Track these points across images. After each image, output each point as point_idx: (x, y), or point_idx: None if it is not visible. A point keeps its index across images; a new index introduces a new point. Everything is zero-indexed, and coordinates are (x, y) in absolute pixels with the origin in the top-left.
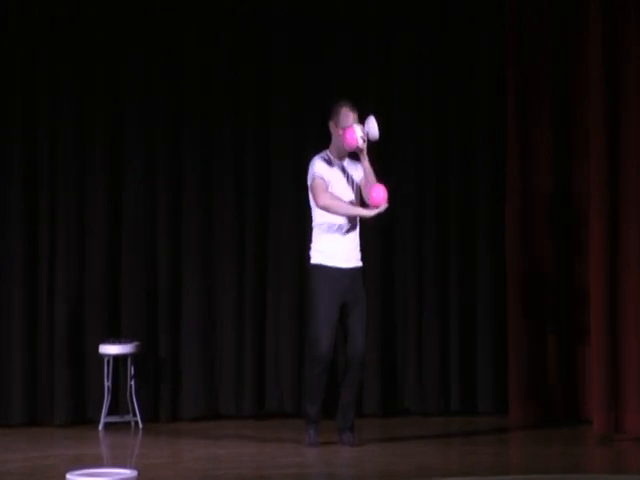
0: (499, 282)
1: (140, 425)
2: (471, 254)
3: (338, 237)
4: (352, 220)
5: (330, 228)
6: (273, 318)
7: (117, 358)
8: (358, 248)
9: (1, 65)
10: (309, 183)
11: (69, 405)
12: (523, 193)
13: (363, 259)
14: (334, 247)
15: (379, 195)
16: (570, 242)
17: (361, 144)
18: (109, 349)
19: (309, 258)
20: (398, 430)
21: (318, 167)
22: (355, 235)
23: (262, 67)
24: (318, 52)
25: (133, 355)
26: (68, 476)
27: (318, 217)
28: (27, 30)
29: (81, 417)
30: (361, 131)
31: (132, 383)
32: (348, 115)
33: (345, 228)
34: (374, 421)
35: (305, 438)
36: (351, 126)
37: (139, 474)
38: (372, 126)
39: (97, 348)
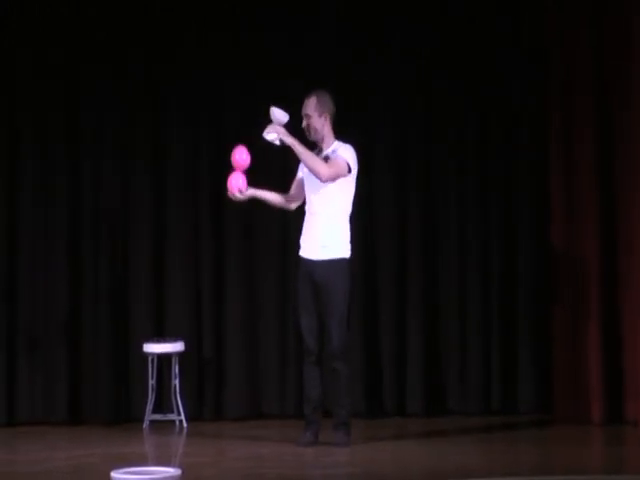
0: (542, 281)
1: (184, 424)
2: (513, 255)
3: (305, 226)
4: (313, 209)
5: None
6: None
7: (161, 357)
8: (324, 238)
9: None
10: None
11: (113, 403)
12: (567, 189)
13: (405, 258)
14: (303, 237)
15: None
16: (616, 239)
17: (277, 141)
18: (153, 348)
19: None
20: (441, 430)
21: None
22: (316, 224)
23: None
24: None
25: (177, 354)
26: (113, 474)
27: None
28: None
29: (125, 415)
30: (272, 132)
31: (176, 382)
32: (303, 103)
33: (308, 217)
34: (417, 420)
35: (299, 438)
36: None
37: (183, 473)
38: (275, 116)
39: (142, 347)
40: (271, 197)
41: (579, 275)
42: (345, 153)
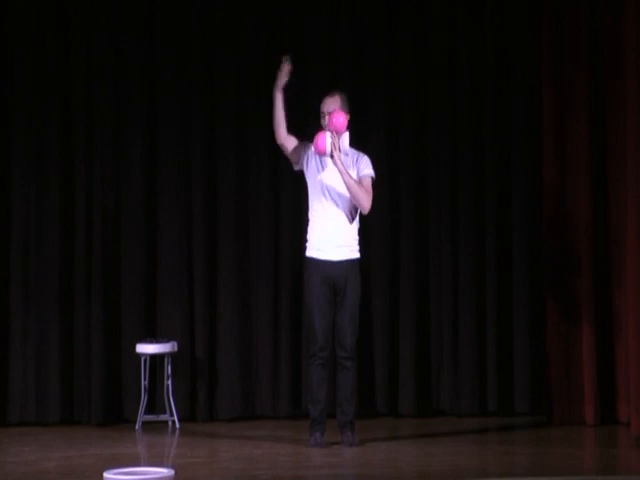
0: (537, 283)
1: (177, 424)
2: (507, 255)
3: (324, 229)
4: (335, 213)
5: (315, 218)
6: (303, 314)
7: (154, 357)
8: (345, 240)
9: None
10: None
11: (106, 404)
12: (560, 189)
13: (398, 258)
14: (320, 239)
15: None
16: (608, 240)
17: (328, 152)
18: (146, 348)
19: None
20: (434, 431)
21: None
22: (338, 227)
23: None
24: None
25: (170, 354)
26: (105, 475)
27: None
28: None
29: (118, 416)
30: (332, 139)
31: (169, 382)
32: (324, 101)
33: (327, 221)
34: (410, 421)
35: (310, 439)
36: (324, 132)
37: (176, 473)
38: (345, 141)
39: (134, 347)
40: (281, 112)
41: (573, 276)
42: (368, 168)
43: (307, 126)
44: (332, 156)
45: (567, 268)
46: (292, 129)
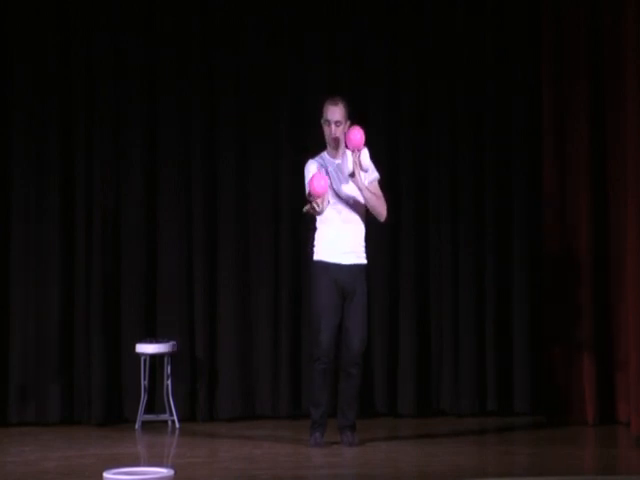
0: (536, 282)
1: (177, 424)
2: (507, 254)
3: (335, 233)
4: (348, 217)
5: (325, 223)
6: (309, 318)
7: (154, 357)
8: (356, 244)
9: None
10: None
11: (106, 404)
12: (560, 189)
13: (397, 258)
14: (330, 244)
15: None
16: (608, 239)
17: (350, 171)
18: (146, 348)
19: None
20: (434, 431)
21: (309, 166)
22: (350, 231)
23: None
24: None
25: (170, 354)
26: (105, 475)
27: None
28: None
29: (118, 416)
30: (353, 157)
31: (169, 382)
32: (327, 109)
33: (339, 224)
34: (409, 421)
35: (310, 439)
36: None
37: (175, 473)
38: (363, 158)
39: (134, 347)
40: None
41: (573, 276)
42: (373, 170)
43: (307, 126)
44: (353, 174)
45: (567, 267)
46: (292, 129)
